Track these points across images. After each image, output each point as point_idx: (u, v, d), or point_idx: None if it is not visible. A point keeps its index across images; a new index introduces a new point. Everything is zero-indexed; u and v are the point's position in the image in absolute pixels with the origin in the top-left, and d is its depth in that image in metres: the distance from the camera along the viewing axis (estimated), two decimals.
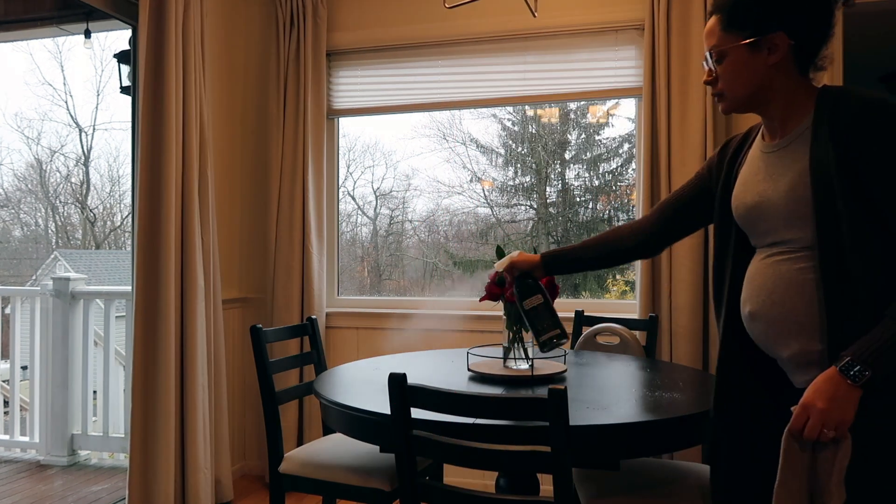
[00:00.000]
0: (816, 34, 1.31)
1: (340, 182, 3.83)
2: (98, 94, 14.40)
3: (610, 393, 1.84)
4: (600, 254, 1.74)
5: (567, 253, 1.77)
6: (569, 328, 2.96)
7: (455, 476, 3.00)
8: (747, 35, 1.30)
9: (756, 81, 1.32)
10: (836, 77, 2.94)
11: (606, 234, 1.75)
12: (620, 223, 1.75)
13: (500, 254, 2.08)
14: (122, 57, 3.87)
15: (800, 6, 1.29)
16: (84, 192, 14.32)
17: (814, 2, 1.29)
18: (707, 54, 1.38)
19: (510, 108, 3.90)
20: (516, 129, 4.08)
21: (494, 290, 2.04)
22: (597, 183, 3.81)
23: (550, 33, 3.28)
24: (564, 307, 3.10)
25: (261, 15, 3.66)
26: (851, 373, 1.12)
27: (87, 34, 3.61)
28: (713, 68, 1.37)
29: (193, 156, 2.96)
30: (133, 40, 3.07)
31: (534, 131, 3.98)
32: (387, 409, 1.51)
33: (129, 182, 3.10)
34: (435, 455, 1.50)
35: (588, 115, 3.87)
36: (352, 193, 4.22)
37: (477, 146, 3.99)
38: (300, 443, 3.41)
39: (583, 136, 3.92)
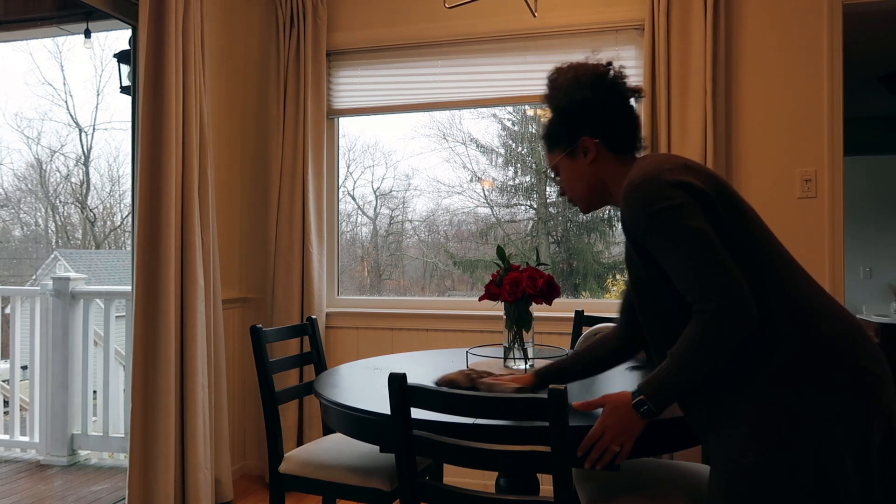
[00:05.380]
0: (613, 125, 1.52)
1: (340, 182, 3.83)
2: (98, 94, 14.40)
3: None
4: (586, 366, 1.79)
5: (557, 366, 1.79)
6: (569, 328, 2.96)
7: (455, 476, 3.00)
8: (563, 148, 1.56)
9: (587, 181, 1.55)
10: (836, 77, 2.95)
11: (591, 346, 1.80)
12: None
13: (501, 254, 2.08)
14: (122, 57, 3.87)
15: (586, 112, 1.52)
16: (84, 192, 14.32)
17: (595, 103, 1.50)
18: (552, 174, 1.64)
19: (510, 108, 3.90)
20: (516, 129, 4.08)
21: (494, 290, 2.04)
22: None
23: (550, 33, 3.28)
24: (564, 307, 3.10)
25: (261, 15, 3.66)
26: (642, 410, 1.35)
27: (87, 34, 3.61)
28: (560, 183, 1.62)
29: (193, 156, 2.96)
30: (133, 40, 3.07)
31: (534, 131, 3.98)
32: (387, 409, 1.51)
33: (129, 182, 3.10)
34: (435, 455, 1.50)
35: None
36: (352, 193, 4.22)
37: (477, 146, 3.99)
38: (300, 443, 3.41)
39: None
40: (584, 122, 1.52)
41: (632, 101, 1.56)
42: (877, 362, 1.27)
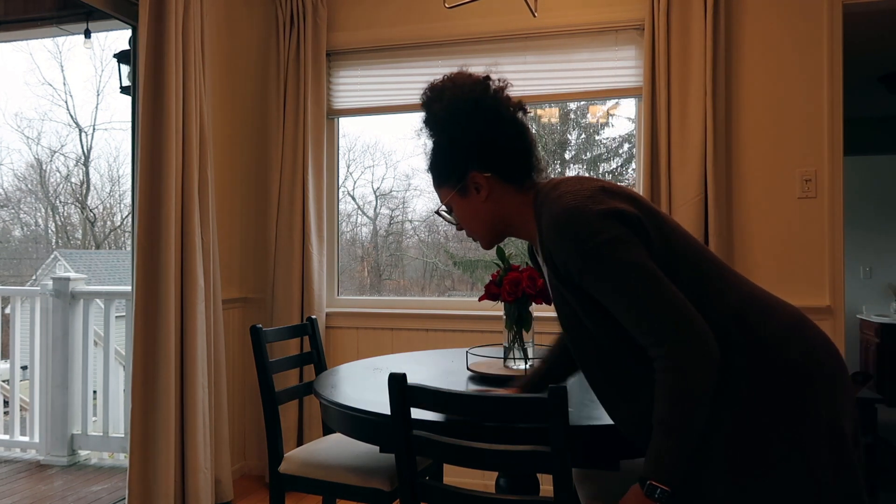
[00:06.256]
0: (503, 154, 1.37)
1: (340, 182, 3.83)
2: (98, 94, 14.43)
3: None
4: (566, 369, 1.67)
5: (540, 375, 1.67)
6: None
7: (455, 476, 3.00)
8: (453, 185, 1.41)
9: (484, 217, 1.41)
10: (836, 77, 2.95)
11: (558, 347, 1.68)
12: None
13: (501, 254, 2.08)
14: (122, 57, 3.87)
15: (470, 146, 1.37)
16: (84, 192, 14.33)
17: (478, 133, 1.36)
18: (445, 211, 1.48)
19: None
20: None
21: (494, 290, 2.04)
22: None
23: (550, 33, 3.28)
24: None
25: (261, 15, 3.66)
26: (656, 495, 1.16)
27: (87, 34, 3.61)
28: (453, 220, 1.47)
29: (193, 156, 2.96)
30: (133, 40, 3.07)
31: (534, 131, 3.98)
32: (387, 409, 1.51)
33: (129, 182, 3.10)
34: (435, 455, 1.50)
35: (588, 115, 3.87)
36: (352, 193, 4.22)
37: None
38: (300, 443, 3.41)
39: (583, 136, 3.92)
40: (471, 156, 1.37)
41: (520, 115, 1.40)
42: (829, 354, 1.22)
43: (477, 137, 1.37)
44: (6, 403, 4.26)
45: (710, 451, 1.18)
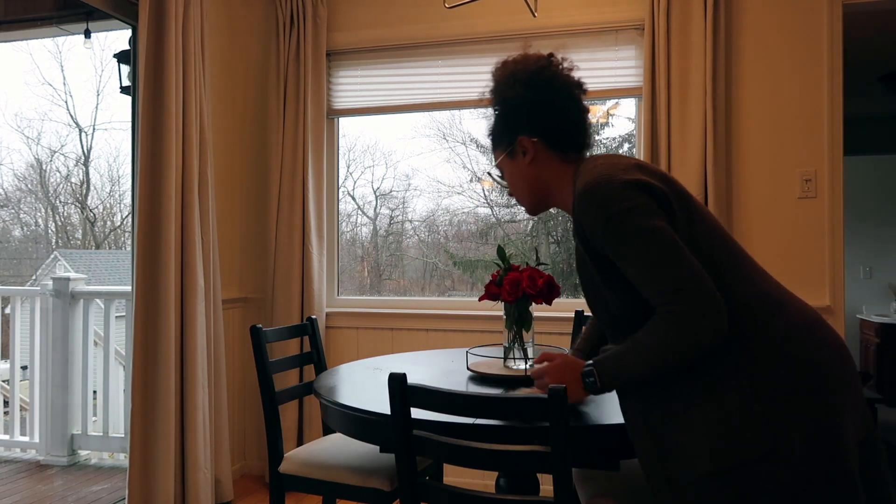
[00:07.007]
0: (551, 121, 1.46)
1: (340, 182, 3.82)
2: (98, 94, 14.40)
3: (610, 392, 1.83)
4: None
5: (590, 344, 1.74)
6: (569, 328, 2.96)
7: (455, 476, 3.00)
8: (504, 149, 1.51)
9: (527, 181, 1.50)
10: (836, 77, 2.95)
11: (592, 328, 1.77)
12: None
13: (501, 253, 2.07)
14: (122, 57, 3.86)
15: (522, 111, 1.47)
16: (84, 192, 14.31)
17: (531, 101, 1.46)
18: (498, 176, 1.59)
19: None
20: None
21: (494, 290, 2.03)
22: None
23: (550, 33, 3.28)
24: (564, 307, 3.10)
25: (261, 15, 3.66)
26: (587, 381, 1.33)
27: (87, 34, 3.61)
28: (503, 182, 1.58)
29: (193, 156, 2.96)
30: (133, 40, 3.07)
31: None
32: (387, 409, 1.51)
33: (129, 182, 3.10)
34: (435, 455, 1.50)
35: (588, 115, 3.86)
36: (352, 193, 4.22)
37: (477, 146, 3.98)
38: (300, 443, 3.41)
39: None
40: (521, 120, 1.47)
41: (576, 92, 1.48)
42: (835, 356, 1.22)
43: (528, 101, 1.46)
44: (6, 403, 4.26)
45: (702, 437, 1.19)
